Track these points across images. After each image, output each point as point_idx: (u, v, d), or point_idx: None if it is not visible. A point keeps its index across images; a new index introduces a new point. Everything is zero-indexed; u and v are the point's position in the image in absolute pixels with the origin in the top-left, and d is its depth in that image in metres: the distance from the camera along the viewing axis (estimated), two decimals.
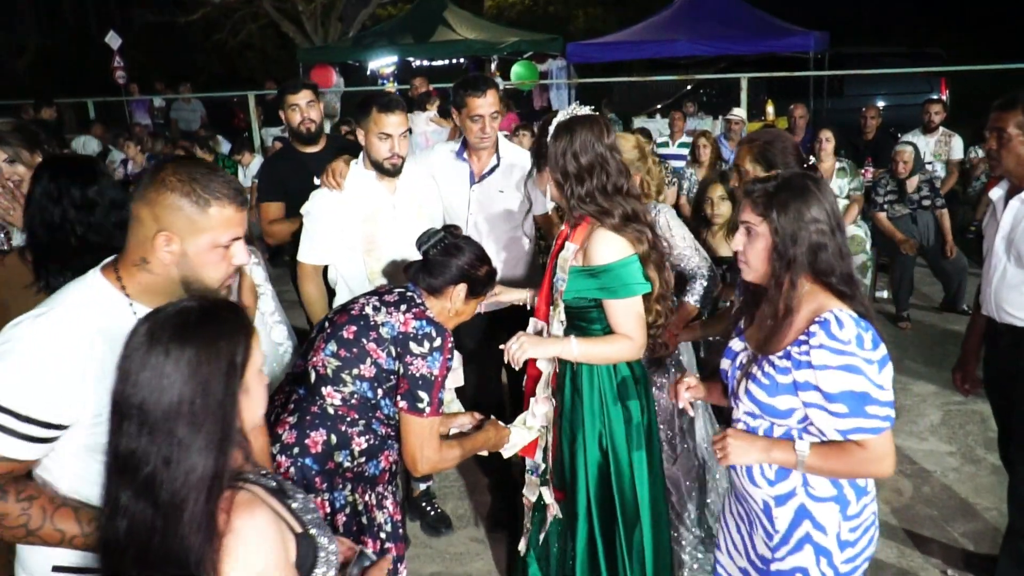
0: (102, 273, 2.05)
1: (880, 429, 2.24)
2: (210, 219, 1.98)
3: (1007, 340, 3.54)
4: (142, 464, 1.57)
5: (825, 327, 2.22)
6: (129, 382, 1.59)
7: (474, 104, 3.95)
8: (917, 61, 13.23)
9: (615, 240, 2.96)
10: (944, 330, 7.16)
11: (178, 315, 1.65)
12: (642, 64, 17.16)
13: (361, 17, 21.45)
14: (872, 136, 9.49)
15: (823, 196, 2.31)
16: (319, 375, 2.90)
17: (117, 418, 1.61)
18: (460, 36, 16.90)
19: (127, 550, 1.57)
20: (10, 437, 1.85)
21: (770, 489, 2.45)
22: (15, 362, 1.85)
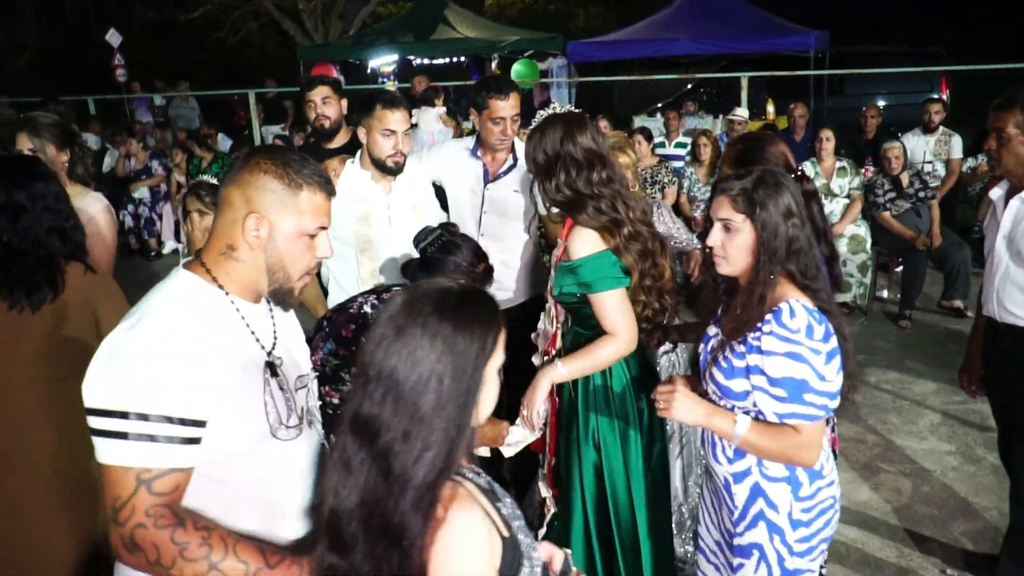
0: (189, 269, 1.98)
1: (814, 417, 2.35)
2: (300, 203, 1.95)
3: (1009, 340, 3.53)
4: (382, 431, 1.56)
5: (777, 315, 2.33)
6: (381, 346, 1.58)
7: (496, 106, 3.93)
8: (918, 60, 13.22)
9: (587, 234, 2.99)
10: (945, 330, 7.16)
11: (440, 291, 1.64)
12: (642, 63, 17.15)
13: (362, 15, 21.46)
14: (872, 135, 9.49)
15: (793, 190, 2.43)
16: (319, 375, 2.89)
17: (363, 380, 1.60)
18: (461, 34, 16.88)
19: (355, 510, 1.57)
20: (172, 444, 1.77)
21: (729, 466, 2.57)
22: (138, 370, 1.77)
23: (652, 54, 15.77)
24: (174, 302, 1.89)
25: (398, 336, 1.58)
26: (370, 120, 3.75)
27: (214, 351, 1.84)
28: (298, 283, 2.03)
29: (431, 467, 1.55)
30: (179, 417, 1.77)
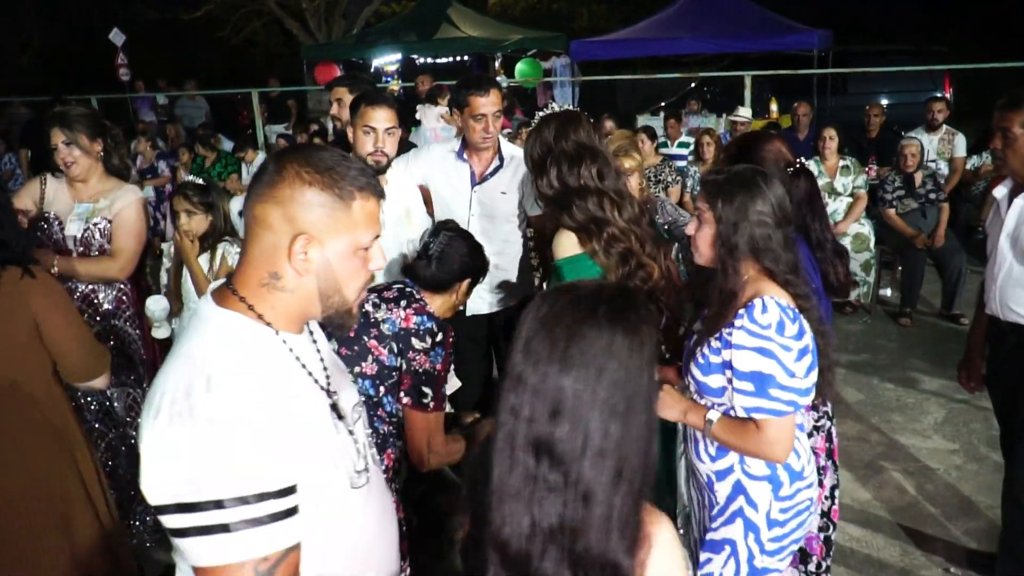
0: (223, 305, 1.68)
1: (779, 412, 2.36)
2: (353, 216, 1.67)
3: (1012, 339, 3.53)
4: (568, 452, 1.45)
5: (750, 310, 2.36)
6: (551, 362, 1.46)
7: (477, 103, 3.92)
8: (921, 59, 13.21)
9: (567, 236, 3.03)
10: (948, 328, 7.16)
11: (596, 293, 1.53)
12: (646, 62, 17.14)
13: (365, 14, 21.43)
14: (876, 134, 9.49)
15: (769, 190, 2.44)
16: None
17: (529, 397, 1.47)
18: (464, 34, 16.88)
19: (550, 541, 1.45)
20: (277, 523, 1.52)
21: (712, 464, 2.60)
22: (218, 448, 1.48)
23: (655, 53, 15.78)
24: (228, 354, 1.60)
25: (568, 349, 1.46)
26: (354, 118, 3.74)
27: (283, 405, 1.59)
28: (356, 304, 1.77)
29: (630, 485, 1.47)
30: (274, 490, 1.52)
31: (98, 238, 4.07)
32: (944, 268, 7.42)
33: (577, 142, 3.08)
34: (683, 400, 2.61)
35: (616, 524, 1.45)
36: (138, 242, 4.13)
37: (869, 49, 15.68)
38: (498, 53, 17.18)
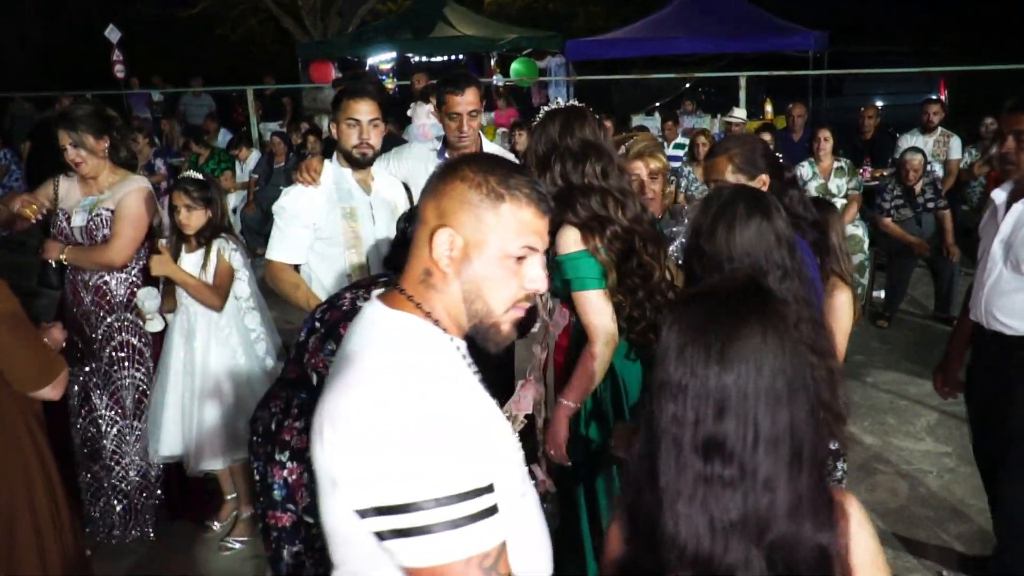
0: (393, 307, 1.68)
1: None
2: (500, 217, 1.62)
3: (994, 348, 3.45)
4: (742, 448, 1.48)
5: None
6: (710, 361, 1.49)
7: (452, 101, 3.91)
8: (917, 61, 13.22)
9: (570, 232, 3.00)
10: (942, 331, 7.15)
11: (745, 287, 1.59)
12: (641, 62, 17.14)
13: (360, 12, 21.41)
14: (870, 136, 9.50)
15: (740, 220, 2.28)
16: (322, 376, 2.87)
17: (689, 397, 1.49)
18: (459, 32, 16.86)
19: (732, 535, 1.47)
20: (492, 517, 1.50)
21: None
22: (434, 446, 1.46)
23: (651, 53, 15.78)
24: (412, 356, 1.58)
25: (725, 350, 1.49)
26: (338, 113, 3.74)
27: (473, 406, 1.57)
28: (505, 317, 1.69)
29: (810, 465, 1.50)
30: (484, 485, 1.50)
31: (102, 228, 4.16)
32: (938, 272, 7.43)
33: (582, 139, 3.06)
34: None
35: (807, 507, 1.49)
36: (135, 229, 4.17)
37: (865, 50, 15.71)
38: (493, 52, 17.16)
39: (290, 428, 2.84)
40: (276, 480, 2.82)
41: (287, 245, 3.82)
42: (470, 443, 1.49)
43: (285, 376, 3.05)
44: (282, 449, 2.82)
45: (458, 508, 1.45)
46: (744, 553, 1.47)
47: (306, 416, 2.85)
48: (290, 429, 2.84)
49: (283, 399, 2.95)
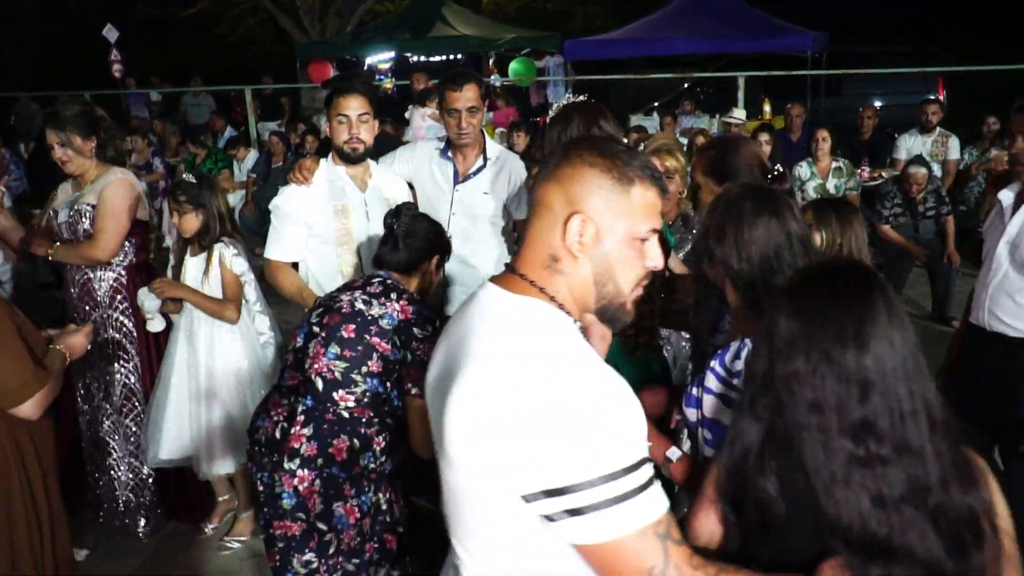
0: (514, 291, 1.68)
1: None
2: (631, 201, 1.65)
3: (997, 349, 3.43)
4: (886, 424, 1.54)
5: (723, 354, 2.17)
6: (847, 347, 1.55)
7: (451, 98, 3.91)
8: (915, 61, 13.23)
9: None
10: (940, 331, 7.14)
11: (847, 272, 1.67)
12: (640, 62, 17.13)
13: (359, 12, 21.39)
14: (869, 136, 9.50)
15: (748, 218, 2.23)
16: (327, 381, 2.88)
17: (847, 389, 1.55)
18: (458, 32, 16.85)
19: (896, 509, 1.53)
20: (656, 485, 1.54)
21: None
22: (604, 420, 1.49)
23: (649, 53, 15.76)
24: (545, 338, 1.59)
25: (860, 332, 1.54)
26: (329, 110, 3.78)
27: (612, 386, 1.58)
28: (630, 297, 1.72)
29: (943, 430, 1.57)
30: (643, 456, 1.54)
31: (82, 222, 4.17)
32: (935, 274, 7.43)
33: (605, 131, 3.09)
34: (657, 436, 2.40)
35: (953, 470, 1.56)
36: (117, 222, 4.18)
37: (863, 51, 15.69)
38: (492, 52, 17.16)
39: (297, 436, 2.83)
40: (286, 489, 2.81)
41: (283, 244, 3.86)
42: (624, 419, 1.52)
43: (283, 383, 3.03)
44: (291, 457, 2.81)
45: (625, 482, 1.47)
46: (919, 526, 1.53)
47: (314, 422, 2.85)
48: (297, 437, 2.83)
49: (286, 407, 2.93)
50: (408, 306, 2.96)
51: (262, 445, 2.91)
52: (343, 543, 2.89)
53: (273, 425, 2.91)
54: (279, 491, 2.83)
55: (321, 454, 2.82)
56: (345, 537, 2.89)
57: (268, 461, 2.87)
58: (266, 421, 2.94)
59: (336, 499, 2.85)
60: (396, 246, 3.11)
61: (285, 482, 2.81)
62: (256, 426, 2.98)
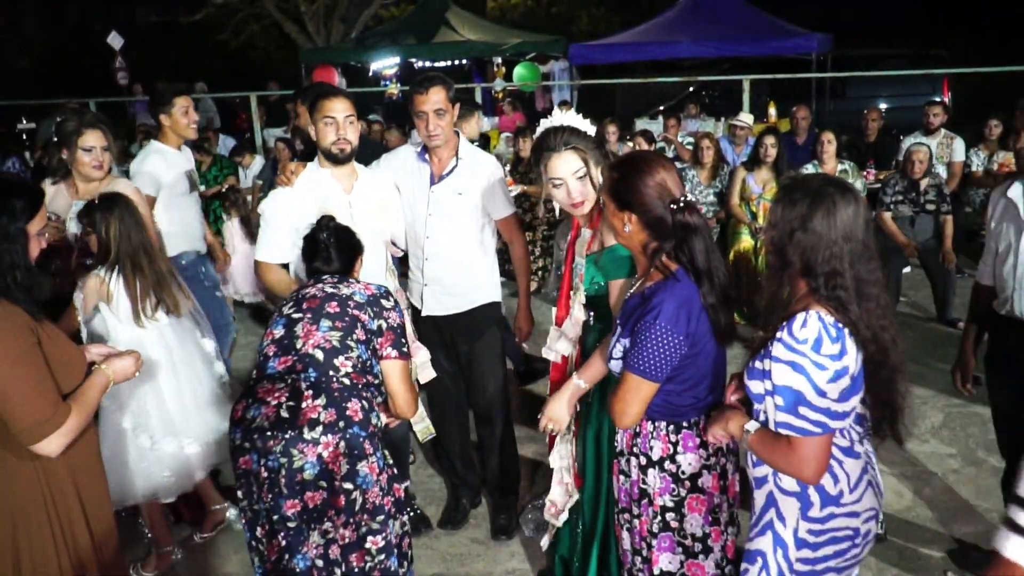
0: None
1: (807, 431, 2.31)
2: None
3: None
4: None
5: (790, 323, 2.30)
6: None
7: (418, 101, 3.99)
8: (920, 63, 13.23)
9: None
10: (943, 332, 7.15)
11: None
12: (644, 65, 17.16)
13: (363, 18, 21.46)
14: (874, 138, 9.49)
15: (839, 204, 2.30)
16: (327, 350, 3.05)
17: None
18: (462, 37, 16.90)
19: None
20: None
21: (753, 470, 2.58)
22: None
23: (654, 57, 15.78)
24: None
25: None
26: (314, 114, 3.87)
27: None
28: None
29: None
30: None
31: None
32: (933, 276, 7.41)
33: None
34: (727, 412, 2.63)
35: None
36: None
37: (868, 53, 15.69)
38: (497, 56, 17.18)
39: (312, 408, 2.94)
40: (308, 460, 2.90)
41: (271, 246, 3.98)
42: None
43: (270, 371, 3.08)
44: (311, 427, 2.91)
45: None
46: None
47: (324, 392, 2.98)
48: (312, 408, 2.93)
49: (284, 389, 3.00)
50: (368, 285, 3.28)
51: (263, 431, 2.94)
52: (368, 501, 3.03)
53: (273, 408, 2.96)
54: (298, 465, 2.90)
55: (341, 417, 2.95)
56: (370, 495, 3.03)
57: (276, 443, 2.91)
58: (261, 408, 2.97)
59: (360, 458, 2.99)
60: (329, 256, 3.33)
61: (308, 452, 2.90)
62: (248, 416, 3.00)
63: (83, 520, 2.82)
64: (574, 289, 3.28)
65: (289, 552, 2.98)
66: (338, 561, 3.02)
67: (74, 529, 2.79)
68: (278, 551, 3.00)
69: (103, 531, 2.91)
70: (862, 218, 2.33)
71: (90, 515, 2.85)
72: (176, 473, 4.10)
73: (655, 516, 2.84)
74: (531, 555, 4.26)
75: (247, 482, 3.01)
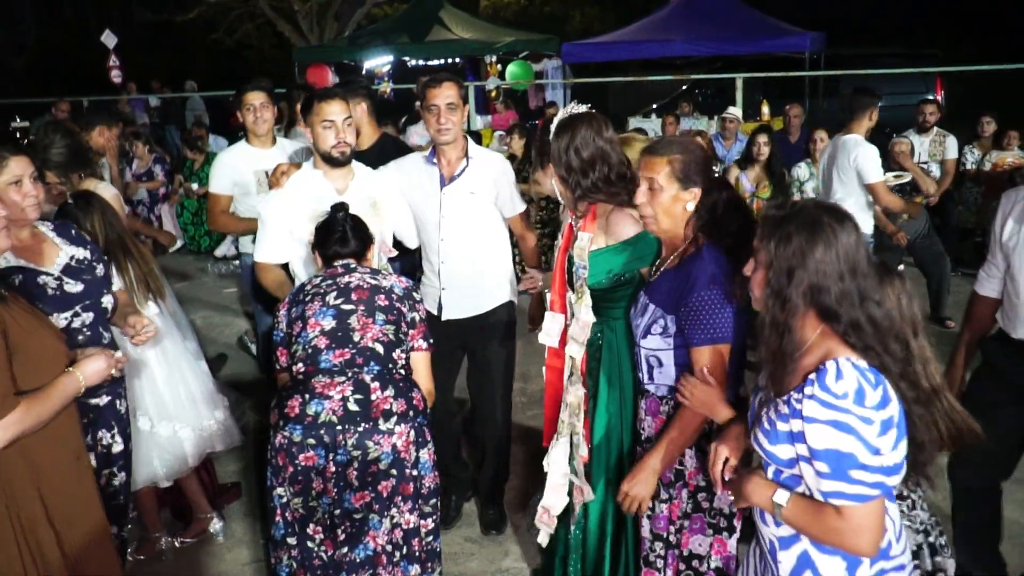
0: None
1: (864, 497, 2.00)
2: None
3: None
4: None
5: (822, 376, 2.01)
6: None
7: (430, 95, 3.98)
8: (913, 62, 13.26)
9: (632, 216, 3.14)
10: (935, 331, 7.15)
11: None
12: (638, 64, 17.17)
13: (357, 16, 21.46)
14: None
15: (839, 233, 2.07)
16: (386, 344, 3.16)
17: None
18: (456, 36, 16.89)
19: None
20: None
21: (776, 529, 2.24)
22: None
23: (647, 55, 15.80)
24: None
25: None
26: (311, 117, 3.84)
27: None
28: None
29: None
30: None
31: None
32: (929, 274, 7.43)
33: (611, 140, 3.25)
34: (750, 478, 2.28)
35: None
36: None
37: (861, 52, 15.73)
38: (490, 55, 17.18)
39: (383, 399, 3.06)
40: (383, 450, 3.03)
41: (269, 247, 3.97)
42: None
43: (325, 365, 3.11)
44: (386, 418, 3.04)
45: None
46: None
47: (390, 384, 3.10)
48: (383, 400, 3.06)
49: (346, 382, 3.06)
50: (400, 277, 3.38)
51: (332, 426, 3.00)
52: (424, 486, 3.21)
53: (339, 403, 3.03)
54: (373, 456, 3.03)
55: (410, 407, 3.12)
56: (427, 480, 3.23)
57: (348, 436, 3.01)
58: (324, 403, 3.02)
59: (422, 446, 3.19)
60: (346, 238, 3.34)
61: (384, 443, 3.04)
62: (310, 412, 3.02)
63: (48, 525, 2.63)
64: (577, 294, 3.25)
65: (350, 544, 3.07)
66: (399, 544, 3.15)
67: (39, 535, 2.60)
68: (335, 545, 3.08)
69: (82, 536, 2.74)
70: (863, 247, 2.11)
71: (60, 520, 2.66)
72: (173, 455, 4.14)
73: (689, 498, 2.89)
74: (526, 553, 4.26)
75: (306, 479, 3.05)
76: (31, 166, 3.13)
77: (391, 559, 3.14)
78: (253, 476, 5.02)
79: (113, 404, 3.40)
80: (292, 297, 3.32)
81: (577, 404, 3.30)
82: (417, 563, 3.22)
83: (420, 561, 3.23)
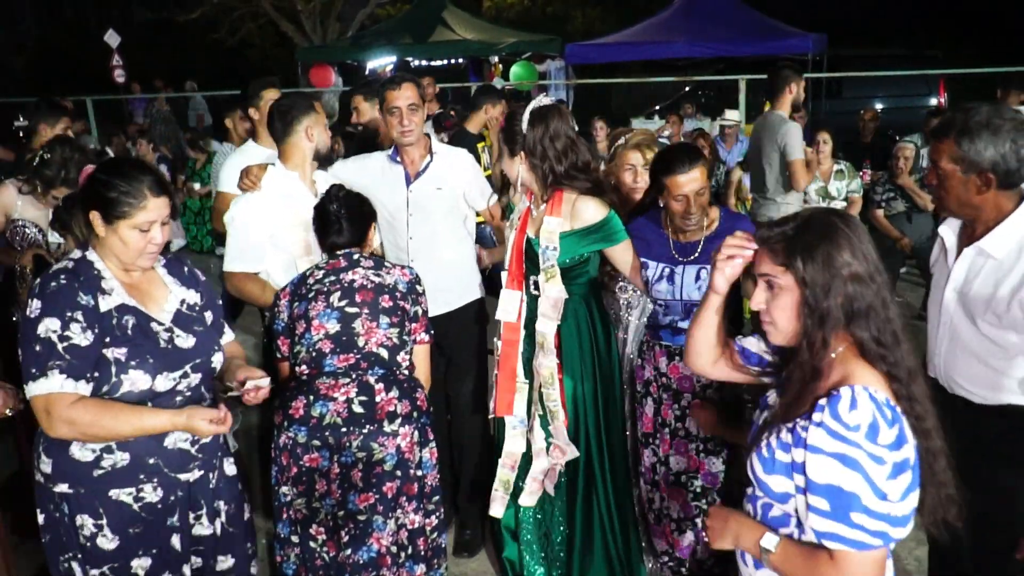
0: None
1: (861, 545, 1.81)
2: None
3: (965, 416, 2.81)
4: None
5: (834, 403, 1.83)
6: None
7: (390, 97, 4.01)
8: (916, 63, 13.25)
9: (598, 201, 3.49)
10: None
11: None
12: (640, 65, 17.16)
13: (360, 17, 21.43)
14: (870, 138, 9.51)
15: (853, 234, 1.93)
16: (390, 348, 3.16)
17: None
18: (459, 36, 16.89)
19: None
20: None
21: (756, 572, 2.08)
22: None
23: (650, 56, 15.78)
24: None
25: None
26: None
27: None
28: None
29: None
30: None
31: None
32: (926, 271, 7.41)
33: (575, 129, 3.58)
34: (734, 520, 2.09)
35: None
36: None
37: (864, 54, 15.71)
38: (493, 56, 17.19)
39: (387, 401, 3.07)
40: (388, 452, 3.05)
41: (242, 254, 3.76)
42: None
43: (329, 368, 3.10)
44: (391, 420, 3.06)
45: None
46: None
47: (394, 386, 3.11)
48: (388, 402, 3.07)
49: (350, 384, 3.06)
50: (403, 269, 3.34)
51: (337, 427, 3.02)
52: (427, 485, 3.25)
53: (344, 404, 3.03)
54: (378, 458, 3.04)
55: (414, 408, 3.14)
56: (429, 479, 3.26)
57: (353, 438, 3.02)
58: (329, 405, 3.03)
59: (424, 445, 3.23)
60: (342, 228, 3.27)
61: (388, 445, 3.05)
62: (315, 414, 3.03)
63: None
64: (547, 274, 3.49)
65: (353, 546, 3.07)
66: (404, 545, 3.16)
67: None
68: (338, 547, 3.09)
69: None
70: (874, 248, 1.96)
71: None
72: None
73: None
74: None
75: (310, 480, 3.06)
76: (167, 208, 2.66)
77: (396, 560, 3.14)
78: (255, 476, 5.02)
79: None
80: (294, 288, 3.24)
81: (550, 374, 3.54)
82: (423, 562, 3.23)
83: (426, 560, 3.24)
